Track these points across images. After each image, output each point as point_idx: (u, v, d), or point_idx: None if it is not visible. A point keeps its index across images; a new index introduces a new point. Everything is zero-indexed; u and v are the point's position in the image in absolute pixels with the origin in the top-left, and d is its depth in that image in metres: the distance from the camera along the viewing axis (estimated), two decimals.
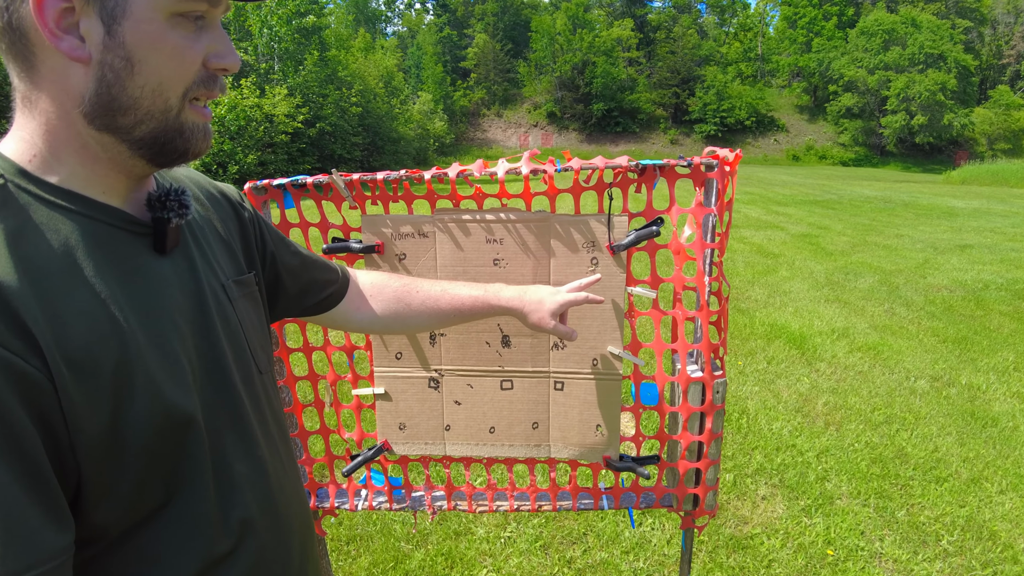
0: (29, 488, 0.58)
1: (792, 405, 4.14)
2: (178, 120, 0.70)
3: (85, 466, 0.63)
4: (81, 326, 0.62)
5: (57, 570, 0.59)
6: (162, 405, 0.67)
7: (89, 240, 0.67)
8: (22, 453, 0.57)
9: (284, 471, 0.89)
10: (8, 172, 0.65)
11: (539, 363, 1.45)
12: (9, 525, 0.55)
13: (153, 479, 0.69)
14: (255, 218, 0.99)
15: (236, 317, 0.84)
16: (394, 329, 1.21)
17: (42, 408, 0.59)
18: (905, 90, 45.68)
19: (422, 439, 1.52)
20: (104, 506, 0.65)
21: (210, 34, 0.70)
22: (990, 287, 7.29)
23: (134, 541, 0.69)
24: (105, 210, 0.70)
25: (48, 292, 0.61)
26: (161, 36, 0.66)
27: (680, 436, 1.44)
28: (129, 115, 0.67)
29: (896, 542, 2.76)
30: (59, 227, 0.65)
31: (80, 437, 0.62)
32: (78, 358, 0.61)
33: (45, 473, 0.59)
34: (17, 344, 0.58)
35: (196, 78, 0.70)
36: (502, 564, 2.61)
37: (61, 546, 0.60)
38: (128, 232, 0.72)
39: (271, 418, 0.89)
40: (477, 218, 1.37)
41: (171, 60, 0.67)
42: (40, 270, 0.61)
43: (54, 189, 0.67)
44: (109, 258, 0.68)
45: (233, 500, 0.77)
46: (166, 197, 0.75)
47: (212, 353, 0.78)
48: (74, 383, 0.61)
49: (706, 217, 1.33)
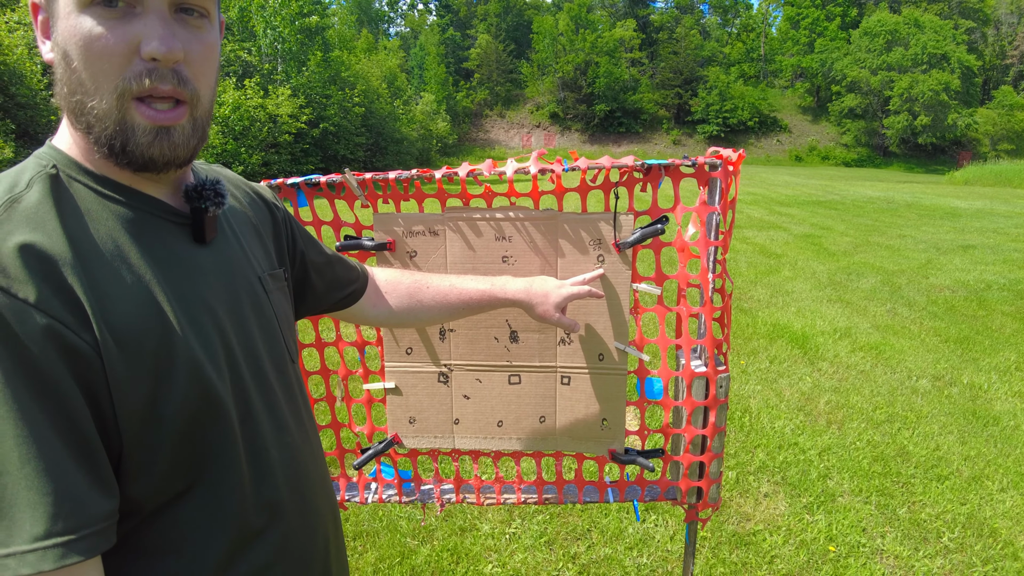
0: (79, 454, 0.61)
1: (794, 404, 4.17)
2: (121, 120, 0.67)
3: (125, 440, 0.66)
4: (127, 305, 0.66)
5: (103, 532, 0.62)
6: (199, 387, 0.71)
7: (133, 228, 0.71)
8: (73, 422, 0.61)
9: (313, 458, 0.92)
10: (61, 163, 0.70)
11: (546, 358, 1.48)
12: (60, 488, 0.59)
13: (187, 457, 0.72)
14: (287, 218, 1.03)
15: (271, 308, 0.88)
16: (407, 323, 1.25)
17: (91, 380, 0.63)
18: (908, 90, 45.62)
19: (431, 433, 1.55)
20: (141, 481, 0.68)
21: (143, 20, 0.66)
22: (992, 287, 7.30)
23: (166, 518, 0.72)
24: (147, 200, 0.74)
25: (97, 272, 0.65)
26: (77, 28, 0.65)
27: (684, 430, 1.47)
28: (82, 114, 0.68)
29: (897, 539, 2.79)
30: (106, 214, 0.69)
31: (123, 411, 0.65)
32: (124, 335, 0.65)
33: (93, 442, 0.63)
34: (71, 319, 0.61)
35: (129, 70, 0.66)
36: (507, 559, 2.64)
37: (107, 511, 0.63)
38: (169, 222, 0.76)
39: (302, 406, 0.93)
40: (486, 216, 1.40)
41: (88, 51, 0.65)
42: (90, 252, 0.65)
43: (100, 179, 0.71)
44: (151, 245, 0.72)
45: (264, 482, 0.80)
46: (202, 187, 0.78)
47: (246, 341, 0.81)
48: (120, 359, 0.64)
49: (710, 215, 1.36)
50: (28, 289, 0.59)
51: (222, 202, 0.80)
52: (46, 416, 0.59)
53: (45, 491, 0.58)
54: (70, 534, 0.59)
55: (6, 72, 14.35)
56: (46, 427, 0.59)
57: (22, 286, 0.59)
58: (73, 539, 0.59)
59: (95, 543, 0.61)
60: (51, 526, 0.58)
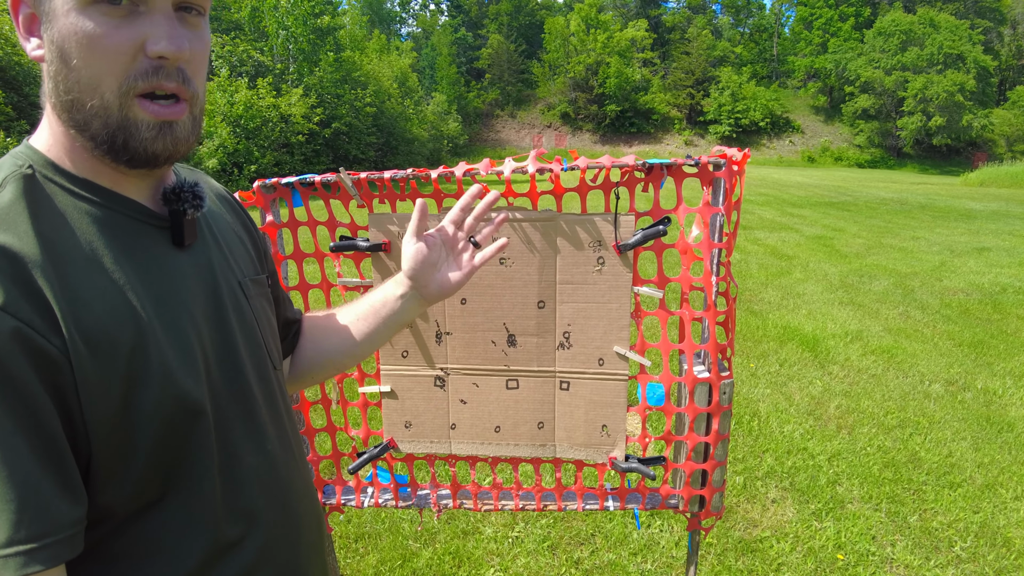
0: (45, 460, 0.60)
1: (804, 408, 4.11)
2: (124, 117, 0.67)
3: (95, 446, 0.65)
4: (99, 308, 0.65)
5: (68, 541, 0.61)
6: (173, 393, 0.69)
7: (109, 229, 0.69)
8: (39, 426, 0.60)
9: (295, 467, 0.90)
10: (37, 163, 0.69)
11: (545, 363, 1.45)
12: (25, 494, 0.58)
13: (160, 465, 0.70)
14: (264, 237, 1.03)
15: (252, 313, 0.86)
16: (327, 359, 1.11)
17: (59, 385, 0.61)
18: (923, 91, 45.15)
19: (428, 437, 1.53)
20: (111, 488, 0.67)
21: (149, 19, 0.66)
22: (1007, 290, 7.20)
23: (139, 526, 0.70)
24: (124, 202, 0.72)
25: (70, 274, 0.63)
26: (78, 27, 0.64)
27: (686, 437, 1.44)
28: (77, 112, 0.67)
29: (908, 547, 2.73)
30: (82, 216, 0.68)
31: (92, 417, 0.64)
32: (95, 339, 0.63)
33: (61, 447, 0.61)
34: (39, 322, 0.60)
35: (134, 69, 0.66)
36: (509, 564, 2.61)
37: (74, 518, 0.62)
38: (147, 224, 0.74)
39: (284, 414, 0.90)
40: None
41: (92, 49, 0.65)
42: (63, 254, 0.64)
43: (77, 180, 0.70)
44: (128, 247, 0.70)
45: (240, 492, 0.78)
46: (180, 190, 0.77)
47: (226, 347, 0.79)
48: (90, 363, 0.63)
49: (713, 217, 1.32)
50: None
51: (200, 204, 0.78)
52: (12, 420, 0.58)
53: (8, 497, 0.57)
54: (32, 542, 0.57)
55: (20, 73, 14.52)
56: (11, 432, 0.58)
57: None
58: (35, 547, 0.58)
59: (58, 551, 0.60)
60: (13, 533, 0.57)
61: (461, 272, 1.08)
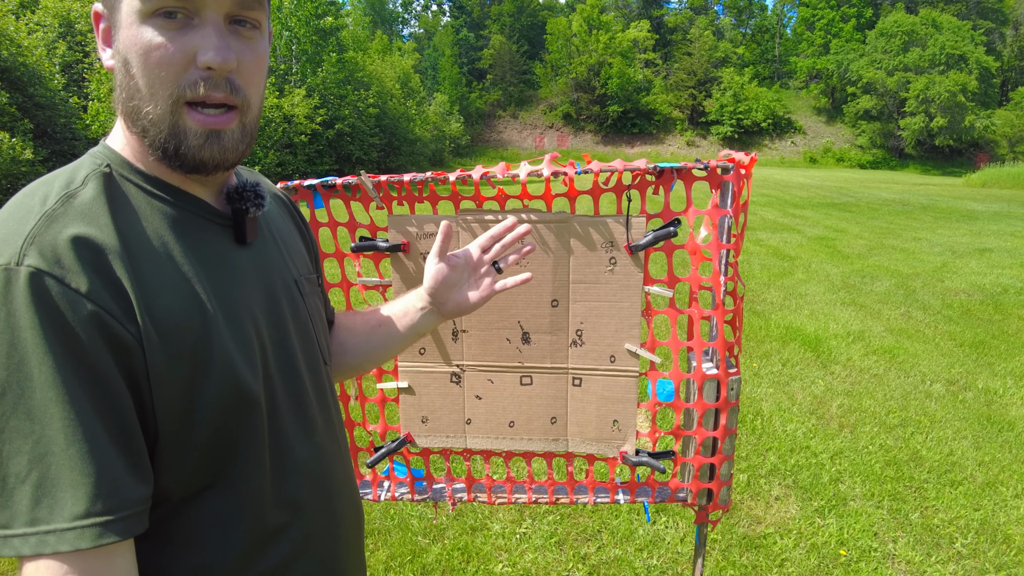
0: (119, 440, 0.64)
1: (806, 407, 4.15)
2: (174, 124, 0.71)
3: (162, 430, 0.69)
4: (170, 300, 0.69)
5: (138, 516, 0.65)
6: (234, 384, 0.73)
7: (179, 226, 0.74)
8: (115, 407, 0.64)
9: (340, 459, 0.94)
10: (115, 162, 0.74)
11: (558, 359, 1.49)
12: (101, 471, 0.61)
13: (215, 452, 0.74)
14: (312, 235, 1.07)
15: (306, 310, 0.90)
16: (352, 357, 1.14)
17: (133, 370, 0.65)
18: (925, 92, 45.08)
19: (444, 432, 1.57)
20: (171, 471, 0.71)
21: (200, 31, 0.70)
22: (1009, 291, 7.23)
23: (191, 510, 0.74)
24: (191, 200, 0.77)
25: (144, 267, 0.68)
26: (138, 38, 0.69)
27: (695, 432, 1.48)
28: (139, 118, 0.72)
29: (909, 544, 2.78)
30: (154, 213, 0.73)
31: (161, 403, 0.68)
32: (166, 328, 0.68)
33: (132, 428, 0.65)
34: (117, 310, 0.64)
35: (185, 79, 0.70)
36: (517, 559, 2.65)
37: (142, 496, 0.66)
38: (212, 222, 0.79)
39: (332, 407, 0.94)
40: (499, 218, 1.41)
41: (147, 60, 0.69)
42: (138, 247, 0.68)
43: (149, 178, 0.74)
44: (195, 244, 0.75)
45: (287, 481, 0.82)
46: (243, 189, 0.81)
47: (282, 342, 0.83)
48: (161, 351, 0.67)
49: (722, 218, 1.37)
50: (80, 279, 0.62)
51: (262, 204, 0.82)
52: (91, 401, 0.62)
53: (87, 472, 0.60)
54: (108, 515, 0.61)
55: (26, 73, 14.55)
56: (91, 412, 0.61)
57: (75, 276, 0.62)
58: (111, 520, 0.61)
59: (130, 525, 0.63)
60: (91, 506, 0.60)
61: (479, 294, 1.15)
